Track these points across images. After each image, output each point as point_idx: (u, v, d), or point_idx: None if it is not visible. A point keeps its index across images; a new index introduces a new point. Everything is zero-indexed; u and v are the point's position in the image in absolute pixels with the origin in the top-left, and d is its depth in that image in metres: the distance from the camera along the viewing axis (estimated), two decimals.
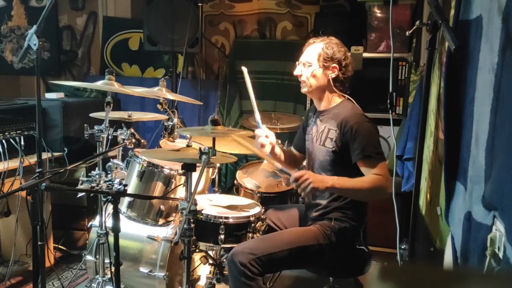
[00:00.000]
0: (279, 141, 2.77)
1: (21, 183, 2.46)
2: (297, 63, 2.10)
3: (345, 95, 2.10)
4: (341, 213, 2.01)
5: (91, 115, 2.52)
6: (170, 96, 2.53)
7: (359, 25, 3.33)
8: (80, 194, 2.76)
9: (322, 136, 2.06)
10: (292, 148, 2.39)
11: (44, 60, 4.19)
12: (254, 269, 1.82)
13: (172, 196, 2.24)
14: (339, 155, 1.97)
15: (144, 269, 2.26)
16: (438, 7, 1.46)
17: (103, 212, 2.22)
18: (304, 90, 2.11)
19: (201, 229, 1.99)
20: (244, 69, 2.16)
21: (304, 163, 2.32)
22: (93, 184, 2.19)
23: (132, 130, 2.35)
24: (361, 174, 1.91)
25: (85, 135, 2.25)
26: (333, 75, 2.03)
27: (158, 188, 2.24)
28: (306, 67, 2.06)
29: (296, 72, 2.10)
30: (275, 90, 3.86)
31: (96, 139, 2.25)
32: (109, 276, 2.27)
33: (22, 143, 2.59)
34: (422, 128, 1.57)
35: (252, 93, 2.16)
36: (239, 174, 2.75)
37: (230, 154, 2.41)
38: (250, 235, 2.06)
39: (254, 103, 2.16)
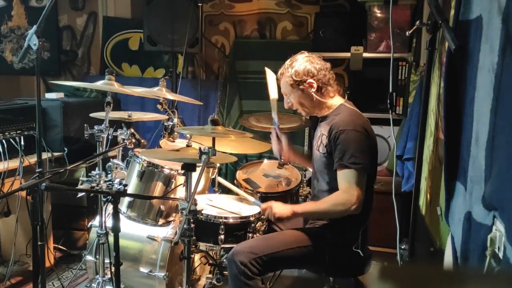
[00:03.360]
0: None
1: (21, 183, 2.46)
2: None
3: (343, 98, 2.09)
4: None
5: (91, 115, 2.52)
6: (170, 96, 2.53)
7: (359, 25, 3.33)
8: (80, 194, 2.76)
9: (318, 141, 2.08)
10: None
11: (44, 60, 4.19)
12: (254, 269, 1.83)
13: (172, 196, 2.24)
14: (331, 160, 1.98)
15: (144, 269, 2.26)
16: (438, 7, 1.46)
17: (103, 212, 2.22)
18: (304, 114, 2.19)
19: (201, 229, 1.99)
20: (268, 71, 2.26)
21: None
22: (93, 184, 2.19)
23: (132, 130, 2.35)
24: None
25: (85, 135, 2.25)
26: (313, 90, 2.02)
27: (158, 188, 2.24)
28: (290, 98, 2.09)
29: (286, 106, 2.15)
30: None
31: (96, 139, 2.25)
32: (109, 276, 2.27)
33: (22, 143, 2.59)
34: (422, 128, 1.58)
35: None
36: (239, 174, 2.75)
37: (230, 154, 2.41)
38: (250, 235, 2.06)
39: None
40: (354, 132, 1.92)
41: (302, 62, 2.03)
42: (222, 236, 2.00)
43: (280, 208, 1.96)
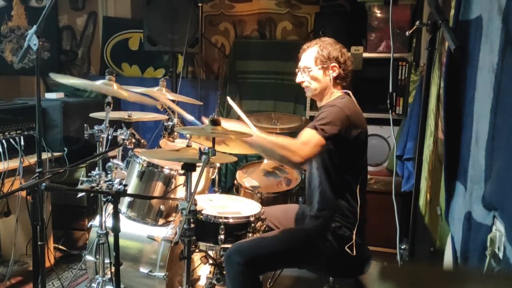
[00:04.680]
0: None
1: (21, 183, 2.46)
2: (296, 70, 2.11)
3: (346, 91, 2.09)
4: (333, 213, 2.00)
5: (91, 115, 2.52)
6: (170, 96, 2.53)
7: (359, 25, 3.33)
8: (80, 194, 2.76)
9: None
10: None
11: (44, 60, 4.19)
12: (251, 268, 1.83)
13: (172, 196, 2.24)
14: (323, 153, 1.96)
15: (144, 269, 2.26)
16: (438, 7, 1.46)
17: (103, 212, 2.22)
18: (308, 94, 2.13)
19: (201, 229, 1.99)
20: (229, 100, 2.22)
21: None
22: (93, 184, 2.19)
23: (132, 130, 2.35)
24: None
25: (85, 135, 2.24)
26: (334, 74, 2.03)
27: (158, 188, 2.24)
28: (306, 73, 2.06)
29: (297, 79, 2.11)
30: (275, 90, 3.86)
31: (96, 139, 2.25)
32: (109, 276, 2.27)
33: (22, 143, 2.59)
34: (422, 128, 1.58)
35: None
36: (239, 174, 2.75)
37: (230, 154, 2.41)
38: (250, 235, 2.06)
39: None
40: (339, 109, 1.92)
41: (335, 46, 2.06)
42: (222, 236, 2.00)
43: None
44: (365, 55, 3.22)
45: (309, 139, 1.86)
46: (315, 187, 2.06)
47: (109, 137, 2.27)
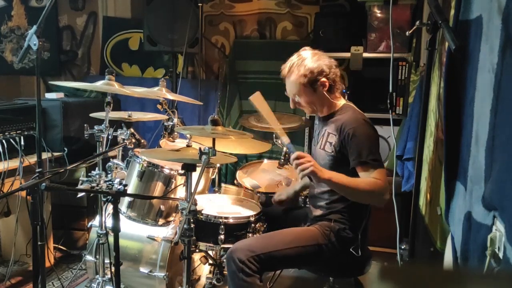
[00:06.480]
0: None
1: (21, 183, 2.46)
2: (288, 95, 2.08)
3: (345, 98, 2.09)
4: (340, 215, 2.01)
5: (91, 115, 2.52)
6: (170, 96, 2.53)
7: (359, 25, 3.33)
8: (80, 194, 2.76)
9: (322, 139, 2.06)
10: None
11: (44, 60, 4.19)
12: (252, 266, 1.83)
13: (172, 196, 2.24)
14: (338, 160, 1.97)
15: (144, 269, 2.26)
16: (438, 7, 1.46)
17: (103, 212, 2.22)
18: (308, 113, 2.11)
19: (201, 229, 2.00)
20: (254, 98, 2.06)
21: None
22: (93, 184, 2.19)
23: (132, 130, 2.35)
24: None
25: (85, 135, 2.24)
26: (325, 89, 1.99)
27: (158, 188, 2.24)
28: (298, 98, 2.04)
29: (292, 106, 2.09)
30: (275, 90, 3.84)
31: (96, 139, 2.25)
32: (109, 276, 2.27)
33: (22, 143, 2.59)
34: (422, 128, 1.58)
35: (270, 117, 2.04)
36: (239, 174, 2.75)
37: (230, 154, 2.41)
38: (250, 235, 2.06)
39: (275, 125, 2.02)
40: (367, 129, 1.93)
41: (313, 59, 1.97)
42: (222, 236, 2.00)
43: (318, 166, 1.80)
44: (365, 55, 3.22)
45: (377, 176, 1.85)
46: (325, 189, 2.05)
47: (109, 137, 2.27)
